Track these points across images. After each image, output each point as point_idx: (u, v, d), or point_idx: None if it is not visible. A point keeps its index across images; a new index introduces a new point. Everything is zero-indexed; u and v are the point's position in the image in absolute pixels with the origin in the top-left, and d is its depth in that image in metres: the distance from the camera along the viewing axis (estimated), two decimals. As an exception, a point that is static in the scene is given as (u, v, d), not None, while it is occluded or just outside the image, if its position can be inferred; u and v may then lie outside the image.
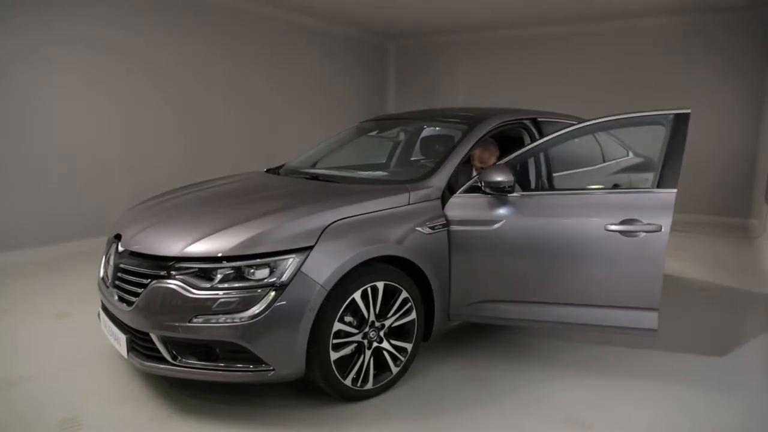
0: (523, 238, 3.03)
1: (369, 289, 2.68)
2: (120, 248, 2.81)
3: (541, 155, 3.74)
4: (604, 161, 4.33)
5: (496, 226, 3.03)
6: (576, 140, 4.21)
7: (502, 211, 3.05)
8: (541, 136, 3.85)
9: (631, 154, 4.71)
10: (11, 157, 5.19)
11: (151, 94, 6.30)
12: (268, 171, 4.00)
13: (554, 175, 3.79)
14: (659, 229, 2.82)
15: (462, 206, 3.08)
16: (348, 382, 2.68)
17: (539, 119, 3.94)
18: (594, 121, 3.17)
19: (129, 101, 6.09)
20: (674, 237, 6.52)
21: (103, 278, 2.99)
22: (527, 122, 3.85)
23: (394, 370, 2.86)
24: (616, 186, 4.17)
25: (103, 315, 2.97)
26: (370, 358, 2.75)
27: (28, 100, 5.24)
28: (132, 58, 6.06)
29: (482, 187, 3.05)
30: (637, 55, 8.00)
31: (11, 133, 5.17)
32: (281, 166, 4.08)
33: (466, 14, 7.79)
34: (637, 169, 3.70)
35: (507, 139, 3.91)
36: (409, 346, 2.91)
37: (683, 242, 6.48)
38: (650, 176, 3.01)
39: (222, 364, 2.51)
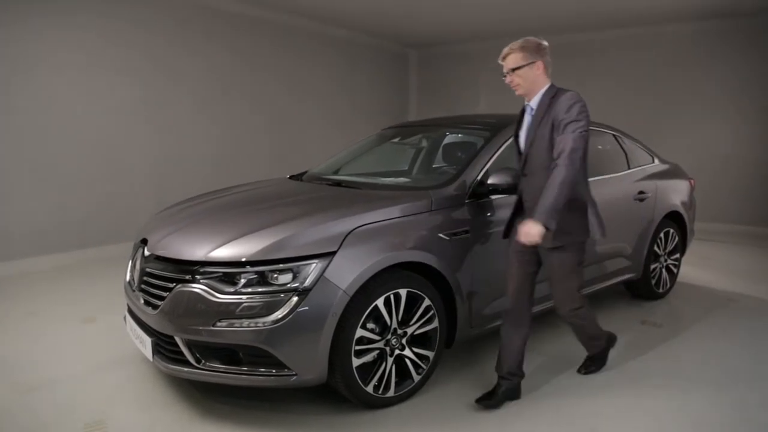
0: None
1: (392, 296, 2.67)
2: (146, 252, 2.85)
3: None
4: (629, 168, 4.29)
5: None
6: (599, 147, 4.21)
7: (507, 210, 3.09)
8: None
9: (656, 161, 4.66)
10: (37, 164, 5.31)
11: (176, 101, 6.40)
12: (291, 177, 4.02)
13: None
14: None
15: (475, 210, 3.08)
16: (369, 389, 2.67)
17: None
18: None
19: (154, 108, 6.19)
20: (701, 246, 6.41)
21: (129, 282, 3.03)
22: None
23: (416, 377, 2.85)
24: (642, 192, 4.17)
25: (129, 318, 3.01)
26: (392, 365, 2.74)
27: (53, 107, 5.36)
28: (157, 64, 6.16)
29: (490, 191, 3.07)
30: (659, 62, 7.90)
31: (37, 141, 5.29)
32: (304, 173, 4.10)
33: (486, 23, 7.78)
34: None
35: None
36: (431, 354, 2.89)
37: (710, 251, 6.35)
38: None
39: (245, 368, 2.51)
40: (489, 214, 3.12)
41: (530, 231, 2.47)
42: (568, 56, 8.56)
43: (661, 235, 4.44)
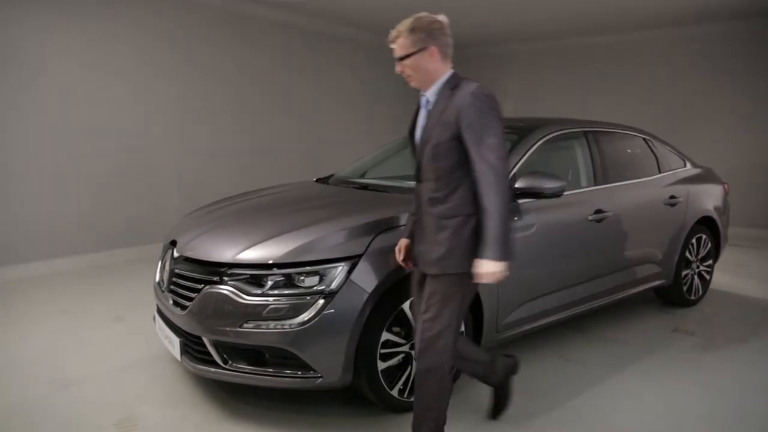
0: (555, 235, 3.30)
1: (417, 299, 2.67)
2: (175, 254, 2.90)
3: (587, 164, 3.70)
4: (660, 172, 4.22)
5: (534, 229, 3.15)
6: (629, 151, 4.15)
7: (537, 213, 3.17)
8: (597, 146, 3.78)
9: (688, 165, 4.56)
10: (70, 165, 5.43)
11: (206, 104, 6.49)
12: (318, 180, 4.04)
13: (608, 186, 3.72)
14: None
15: None
16: (395, 392, 2.66)
17: (593, 129, 3.86)
18: None
19: (182, 111, 6.29)
20: (736, 252, 6.24)
21: (158, 283, 3.08)
22: (580, 133, 3.78)
23: (442, 381, 2.83)
24: (673, 197, 4.08)
25: (158, 318, 3.06)
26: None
27: (84, 110, 5.47)
28: (188, 68, 6.26)
29: (516, 195, 3.02)
30: (690, 64, 7.73)
31: (71, 142, 5.41)
32: (331, 176, 4.12)
33: (515, 25, 7.72)
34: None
35: (559, 150, 3.85)
36: (456, 358, 2.87)
37: (745, 258, 6.18)
38: None
39: (271, 370, 2.53)
40: (516, 218, 3.09)
41: (489, 272, 2.02)
42: (599, 58, 8.44)
43: (693, 240, 4.34)
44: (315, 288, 2.46)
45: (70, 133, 5.39)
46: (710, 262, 4.59)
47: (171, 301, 2.80)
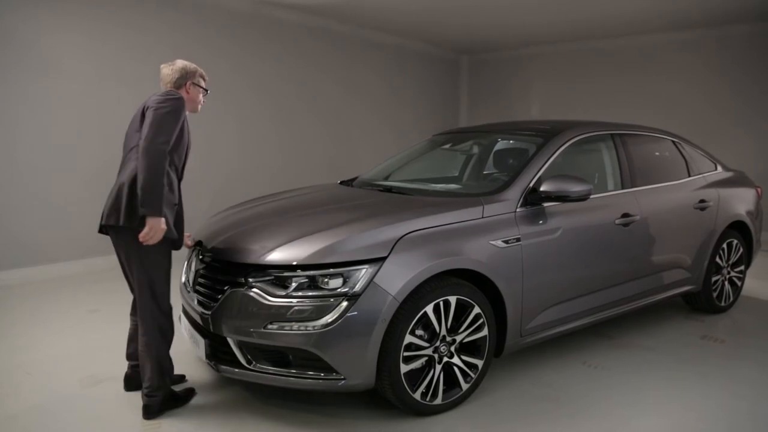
0: (581, 239, 3.28)
1: (441, 303, 2.66)
2: (200, 255, 2.93)
3: (614, 167, 3.66)
4: (689, 175, 4.14)
5: (559, 233, 3.13)
6: (657, 154, 4.09)
7: (562, 217, 3.16)
8: (624, 149, 3.73)
9: (719, 168, 4.47)
10: (105, 168, 5.53)
11: (230, 107, 6.57)
12: (342, 183, 4.06)
13: (635, 189, 3.67)
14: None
15: (527, 218, 3.03)
16: (417, 396, 2.66)
17: (620, 132, 3.81)
18: None
19: (210, 114, 6.37)
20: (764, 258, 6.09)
21: (184, 283, 3.13)
22: (607, 135, 3.73)
23: (464, 386, 2.82)
24: (702, 201, 4.02)
25: (183, 318, 3.11)
26: (440, 372, 2.72)
27: (118, 116, 5.58)
28: (215, 70, 6.34)
29: (542, 198, 3.08)
30: (713, 67, 7.55)
31: (103, 144, 5.52)
32: (355, 179, 4.13)
33: (539, 27, 7.65)
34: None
35: (586, 153, 3.81)
36: (479, 363, 2.85)
37: (777, 264, 6.02)
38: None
39: (294, 371, 2.55)
40: (541, 221, 3.07)
41: None
42: (630, 59, 8.30)
43: (724, 245, 4.25)
44: (338, 290, 2.47)
45: (103, 135, 5.50)
46: (742, 267, 4.49)
47: (196, 302, 2.84)
